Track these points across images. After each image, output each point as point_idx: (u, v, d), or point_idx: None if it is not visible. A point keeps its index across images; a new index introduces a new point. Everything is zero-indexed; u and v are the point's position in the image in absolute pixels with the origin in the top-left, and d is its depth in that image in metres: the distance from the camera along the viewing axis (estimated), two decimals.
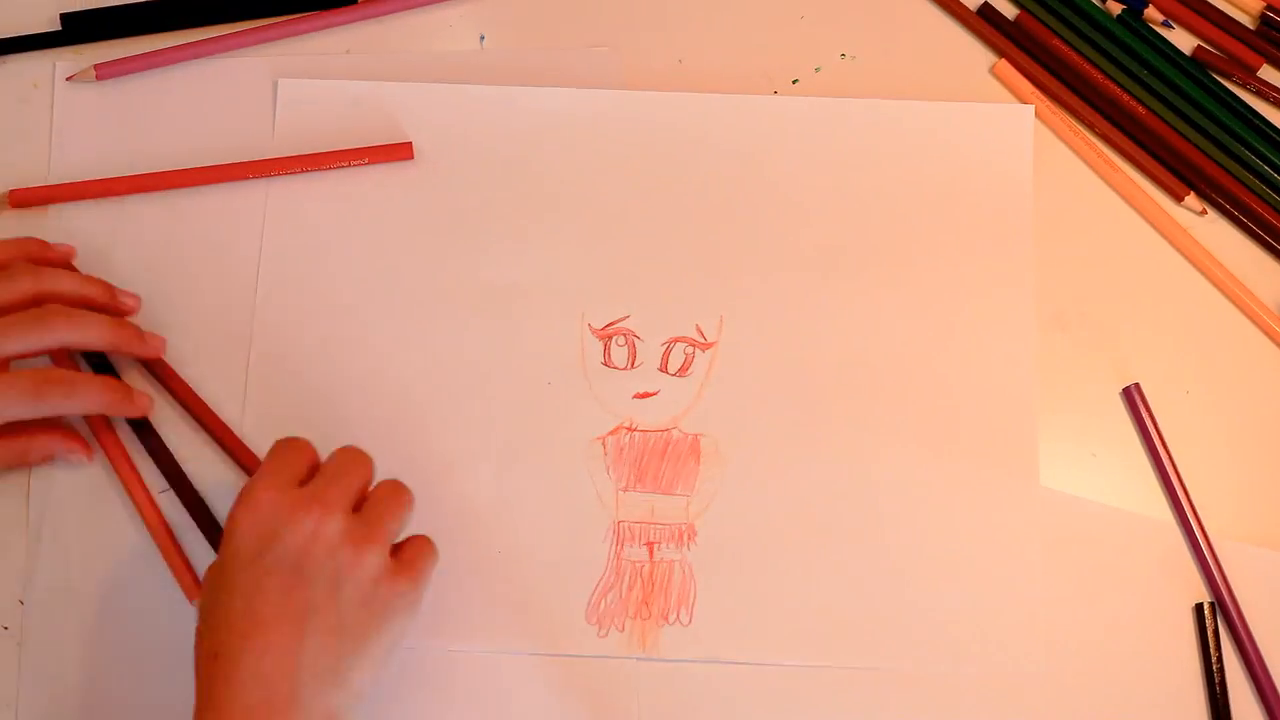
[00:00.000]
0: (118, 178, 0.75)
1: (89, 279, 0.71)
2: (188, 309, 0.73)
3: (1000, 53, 0.79)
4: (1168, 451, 0.71)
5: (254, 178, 0.75)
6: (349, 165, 0.75)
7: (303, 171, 0.75)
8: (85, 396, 0.67)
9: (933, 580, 0.70)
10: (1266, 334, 0.74)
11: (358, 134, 0.76)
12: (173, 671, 0.68)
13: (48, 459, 0.69)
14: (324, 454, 0.66)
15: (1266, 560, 0.71)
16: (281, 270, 0.74)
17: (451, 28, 0.79)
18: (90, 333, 0.67)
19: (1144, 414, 0.72)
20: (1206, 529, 0.71)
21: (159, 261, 0.74)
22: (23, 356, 0.66)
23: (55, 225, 0.74)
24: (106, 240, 0.74)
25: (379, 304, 0.73)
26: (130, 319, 0.71)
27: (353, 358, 0.73)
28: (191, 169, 0.75)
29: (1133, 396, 0.72)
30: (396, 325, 0.73)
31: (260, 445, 0.71)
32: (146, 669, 0.68)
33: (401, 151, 0.75)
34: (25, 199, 0.74)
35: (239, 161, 0.75)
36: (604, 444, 0.72)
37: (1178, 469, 0.71)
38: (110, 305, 0.70)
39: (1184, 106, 0.78)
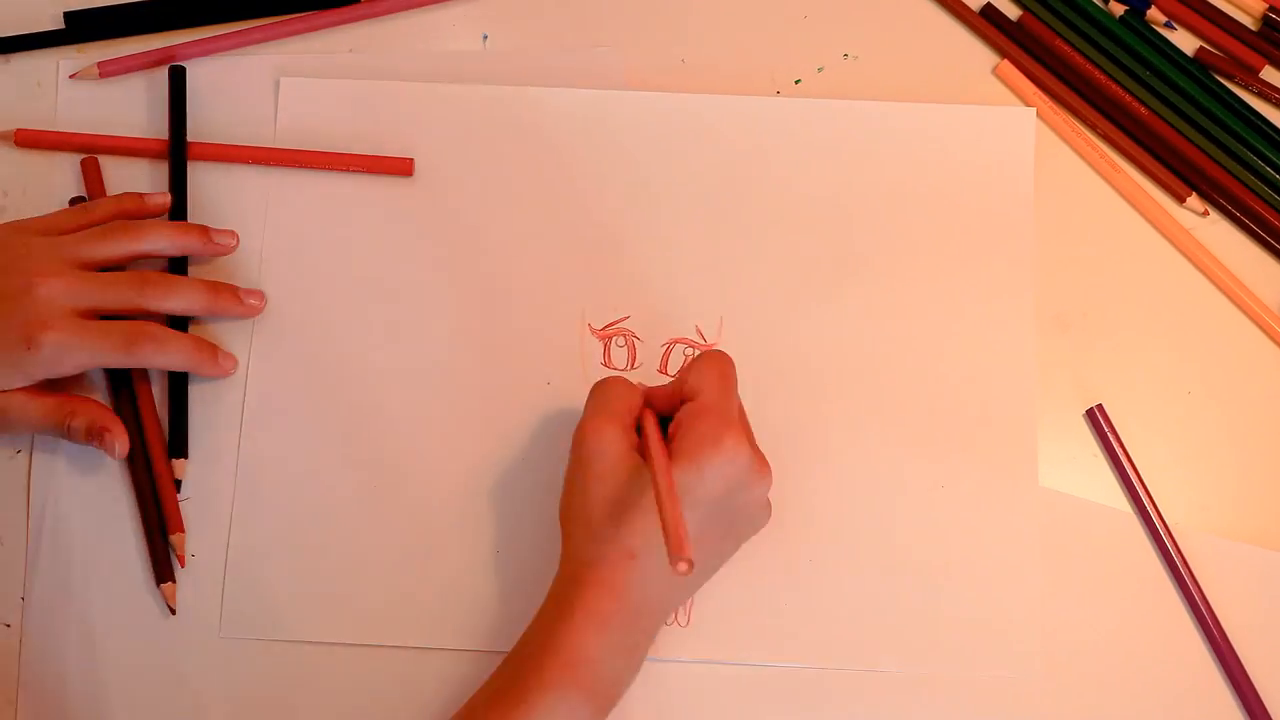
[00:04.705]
0: (125, 137, 0.76)
1: (185, 227, 0.73)
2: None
3: (1003, 53, 0.79)
4: (1133, 464, 0.72)
5: (254, 163, 0.75)
6: (349, 171, 0.75)
7: (301, 168, 0.75)
8: (175, 353, 0.70)
9: (931, 581, 0.70)
10: (1268, 334, 0.74)
11: (359, 133, 0.76)
12: (173, 668, 0.68)
13: (90, 434, 0.68)
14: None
15: (1267, 561, 0.71)
16: (283, 266, 0.74)
17: (454, 27, 0.79)
18: (188, 298, 0.71)
19: (1110, 437, 0.72)
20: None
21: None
22: (117, 313, 0.69)
23: None
24: None
25: (379, 301, 0.73)
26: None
27: (352, 354, 0.73)
28: (195, 143, 0.76)
29: (1096, 418, 0.72)
30: (396, 322, 0.73)
31: (262, 436, 0.71)
32: (147, 667, 0.68)
33: (402, 166, 0.75)
34: (30, 140, 0.76)
35: (242, 146, 0.76)
36: None
37: (1141, 477, 0.71)
38: (208, 250, 0.73)
39: (1186, 108, 0.78)
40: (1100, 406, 0.72)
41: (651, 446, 0.62)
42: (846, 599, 0.70)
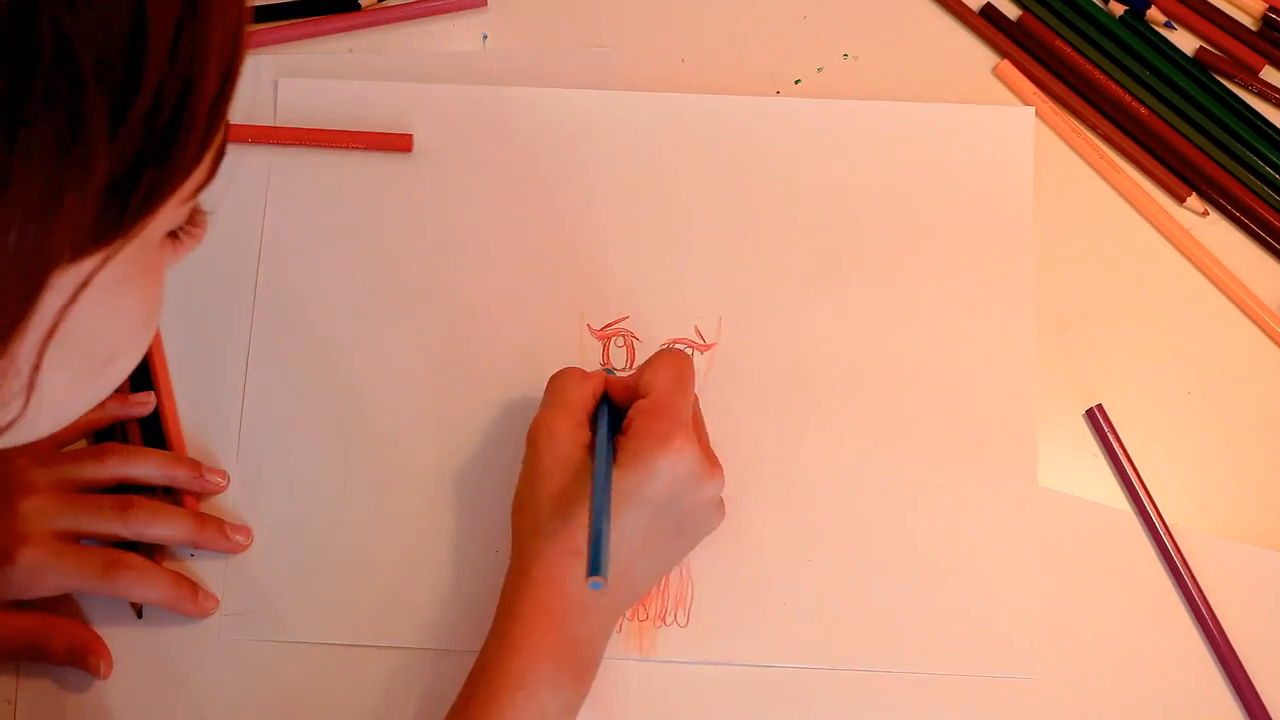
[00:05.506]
0: None
1: (178, 460, 0.70)
2: (188, 283, 0.73)
3: (1003, 53, 0.79)
4: (1133, 464, 0.72)
5: (254, 142, 0.75)
6: (348, 148, 0.75)
7: (303, 145, 0.75)
8: (155, 587, 0.67)
9: (931, 581, 0.70)
10: (1267, 334, 0.74)
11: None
12: (173, 668, 0.68)
13: (72, 655, 0.66)
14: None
15: (1267, 561, 0.71)
16: (282, 263, 0.74)
17: (454, 27, 0.79)
18: (172, 528, 0.68)
19: (1110, 437, 0.72)
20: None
21: None
22: (98, 537, 0.67)
23: None
24: None
25: (378, 301, 0.73)
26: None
27: (351, 356, 0.73)
28: None
29: (1096, 418, 0.72)
30: (395, 323, 0.73)
31: (262, 429, 0.71)
32: (146, 667, 0.68)
33: (401, 143, 0.75)
34: None
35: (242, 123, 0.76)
36: None
37: (1141, 477, 0.71)
38: (196, 487, 0.70)
39: (1186, 108, 0.78)
40: (1100, 406, 0.72)
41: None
42: (846, 599, 0.70)
